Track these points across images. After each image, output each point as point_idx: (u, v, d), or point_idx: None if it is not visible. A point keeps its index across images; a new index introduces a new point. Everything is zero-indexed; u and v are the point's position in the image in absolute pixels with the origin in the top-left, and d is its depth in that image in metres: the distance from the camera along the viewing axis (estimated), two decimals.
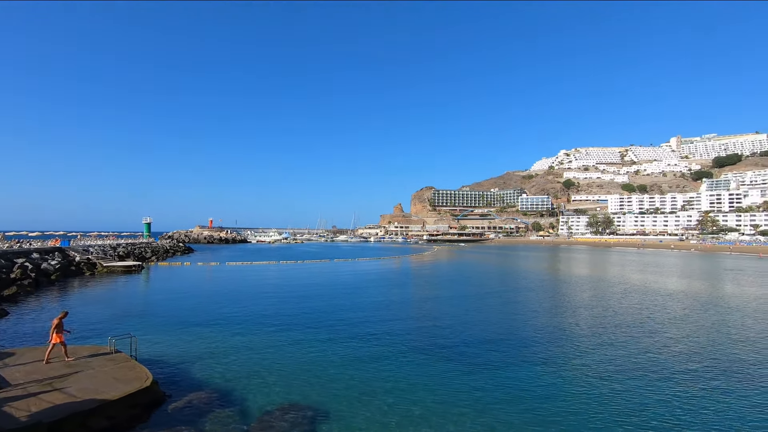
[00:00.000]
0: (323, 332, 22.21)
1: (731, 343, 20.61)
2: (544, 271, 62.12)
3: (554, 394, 14.08)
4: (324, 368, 16.44)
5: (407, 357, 18.04)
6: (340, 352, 18.72)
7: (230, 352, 18.32)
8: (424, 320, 26.08)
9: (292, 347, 19.34)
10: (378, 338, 21.11)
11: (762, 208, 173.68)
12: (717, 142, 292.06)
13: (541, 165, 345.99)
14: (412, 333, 22.41)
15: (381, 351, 18.88)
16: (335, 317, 26.25)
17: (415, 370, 16.41)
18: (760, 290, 40.52)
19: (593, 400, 13.58)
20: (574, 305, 31.87)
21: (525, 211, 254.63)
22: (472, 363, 17.23)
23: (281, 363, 16.98)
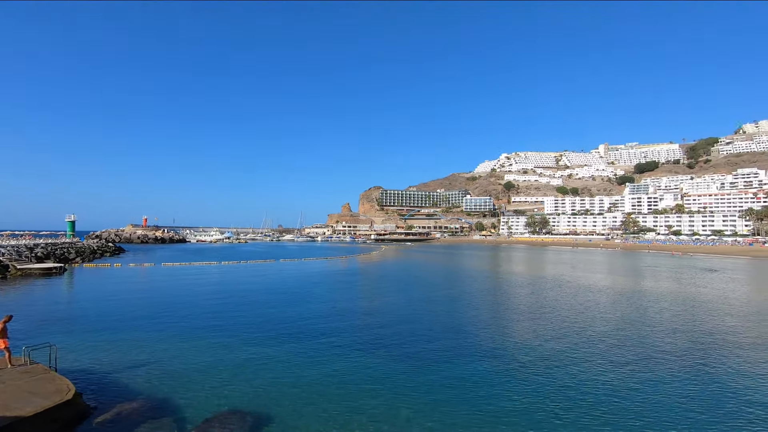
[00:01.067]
0: (265, 335, 21.62)
1: (653, 333, 22.73)
2: (487, 270, 64.81)
3: (500, 389, 14.74)
4: (265, 372, 16.01)
5: (352, 357, 18.05)
6: (284, 354, 18.33)
7: (163, 359, 17.30)
8: (371, 320, 26.22)
9: (230, 351, 18.63)
10: (323, 339, 20.92)
11: (674, 211, 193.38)
12: (638, 150, 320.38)
13: (485, 167, 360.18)
14: (358, 333, 22.45)
15: (325, 352, 18.73)
16: (279, 319, 25.65)
17: (361, 370, 16.46)
18: (673, 285, 45.05)
19: (536, 392, 14.38)
20: (515, 302, 33.56)
21: (469, 212, 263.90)
22: (419, 361, 17.59)
23: (219, 368, 16.30)
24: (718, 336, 22.05)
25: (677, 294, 37.91)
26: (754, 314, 28.64)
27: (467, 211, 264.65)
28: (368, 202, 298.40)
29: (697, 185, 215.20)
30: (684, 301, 33.63)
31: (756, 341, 21.08)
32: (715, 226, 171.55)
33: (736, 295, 38.09)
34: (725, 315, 27.99)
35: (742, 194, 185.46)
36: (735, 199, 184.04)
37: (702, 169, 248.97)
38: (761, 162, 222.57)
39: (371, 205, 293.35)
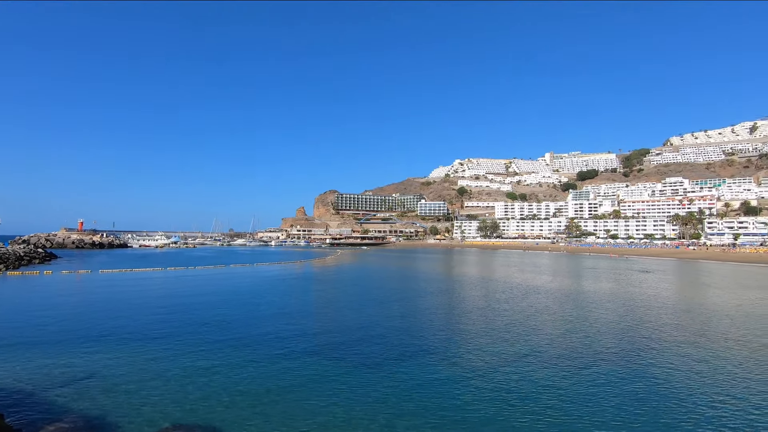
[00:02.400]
0: (213, 344, 20.68)
1: (596, 332, 24.08)
2: (441, 273, 66.07)
3: (450, 389, 14.97)
4: (212, 383, 15.29)
5: (305, 363, 17.66)
6: (232, 363, 17.58)
7: (98, 374, 16.04)
8: (325, 325, 25.85)
9: (174, 363, 17.63)
10: (274, 346, 20.32)
11: (612, 216, 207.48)
12: (580, 159, 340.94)
13: (439, 173, 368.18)
14: (311, 338, 22.03)
15: (276, 359, 18.20)
16: (228, 327, 24.63)
17: (312, 376, 16.13)
18: (612, 285, 48.14)
19: (484, 391, 14.73)
20: (468, 305, 34.41)
21: (424, 216, 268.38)
22: (372, 364, 17.52)
23: (160, 382, 15.36)
24: (653, 332, 23.77)
25: (616, 294, 40.55)
26: (683, 312, 31.19)
27: (422, 216, 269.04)
28: (324, 206, 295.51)
29: (631, 192, 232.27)
30: (623, 301, 36.02)
31: (687, 337, 22.93)
32: (647, 230, 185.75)
33: (667, 294, 41.36)
34: (659, 313, 30.28)
35: (669, 201, 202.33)
36: (664, 206, 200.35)
37: (636, 177, 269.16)
38: (686, 172, 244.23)
39: (327, 209, 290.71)
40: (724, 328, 25.07)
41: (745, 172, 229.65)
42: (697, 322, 26.80)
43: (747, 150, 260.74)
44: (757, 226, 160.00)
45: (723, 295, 40.03)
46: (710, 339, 22.18)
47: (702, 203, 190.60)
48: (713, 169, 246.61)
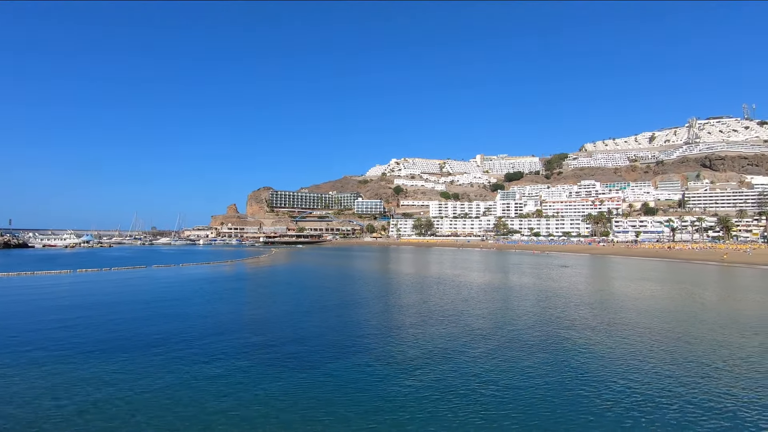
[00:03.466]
0: (130, 352, 18.84)
1: (521, 324, 25.46)
2: (377, 271, 66.50)
3: (388, 386, 14.91)
4: (128, 394, 13.86)
5: (234, 368, 16.66)
6: (153, 371, 16.11)
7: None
8: (258, 327, 24.70)
9: (78, 376, 15.78)
10: (201, 351, 18.97)
11: (535, 215, 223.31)
12: (507, 161, 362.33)
13: (376, 171, 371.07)
14: (243, 342, 20.89)
15: (202, 366, 16.98)
16: (146, 333, 22.61)
17: (244, 381, 15.26)
18: (535, 280, 51.53)
19: (424, 387, 14.86)
20: (403, 301, 34.85)
21: (360, 214, 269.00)
22: (305, 365, 16.98)
23: (60, 399, 13.63)
24: (572, 323, 25.70)
25: (539, 287, 43.47)
26: (597, 303, 34.16)
27: (359, 214, 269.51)
28: (257, 204, 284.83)
29: (552, 193, 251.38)
30: (545, 294, 38.64)
31: (600, 326, 25.05)
32: (565, 228, 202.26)
33: (582, 287, 45.15)
34: (577, 305, 32.88)
35: (584, 202, 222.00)
36: (579, 206, 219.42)
37: (556, 179, 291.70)
38: (598, 175, 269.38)
39: (260, 207, 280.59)
40: (631, 317, 27.80)
41: (645, 177, 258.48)
42: (609, 313, 29.48)
43: (647, 157, 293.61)
44: (654, 224, 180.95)
45: (628, 287, 44.57)
46: (620, 327, 24.45)
47: (611, 204, 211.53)
48: (620, 174, 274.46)
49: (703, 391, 14.51)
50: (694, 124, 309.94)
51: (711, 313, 29.86)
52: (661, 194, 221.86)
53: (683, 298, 36.88)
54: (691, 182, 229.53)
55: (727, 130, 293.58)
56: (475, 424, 12.10)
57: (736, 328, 24.44)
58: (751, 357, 18.54)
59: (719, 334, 22.97)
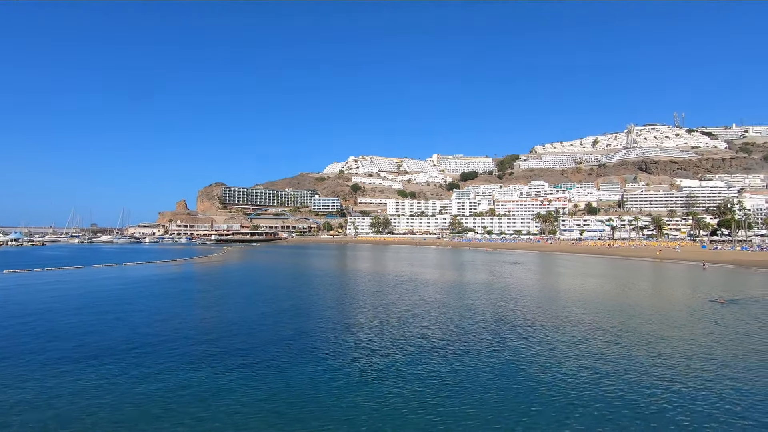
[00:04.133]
0: (65, 359, 17.39)
1: (475, 319, 26.10)
2: (335, 269, 65.92)
3: (346, 385, 14.72)
4: (68, 405, 12.76)
5: (182, 373, 15.83)
6: (95, 381, 14.95)
7: None
8: (210, 329, 23.64)
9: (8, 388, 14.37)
10: (147, 357, 17.85)
11: (488, 214, 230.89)
12: (463, 161, 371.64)
13: (333, 168, 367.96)
14: (193, 346, 19.90)
15: (148, 373, 15.99)
16: (81, 339, 21.00)
17: (191, 386, 14.52)
18: (489, 276, 53.17)
19: (382, 385, 14.80)
20: (361, 300, 34.71)
21: (317, 212, 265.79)
22: (259, 369, 16.44)
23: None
24: (523, 317, 26.69)
25: (492, 284, 44.87)
26: (546, 298, 35.77)
27: (316, 211, 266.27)
28: (209, 200, 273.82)
29: (504, 193, 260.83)
30: (498, 290, 39.89)
31: (549, 319, 26.19)
32: (516, 226, 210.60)
33: (532, 283, 47.14)
34: (527, 300, 34.23)
35: (534, 201, 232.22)
36: (529, 205, 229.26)
37: (508, 180, 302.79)
38: (546, 176, 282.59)
39: (212, 203, 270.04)
40: (577, 311, 29.32)
41: (589, 179, 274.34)
42: (557, 307, 30.96)
43: (591, 160, 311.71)
44: (596, 223, 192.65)
45: (574, 283, 47.07)
46: (567, 321, 25.71)
47: (558, 204, 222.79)
48: (566, 175, 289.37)
49: (638, 378, 15.54)
50: (632, 130, 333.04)
51: (645, 306, 32.14)
52: (603, 195, 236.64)
53: (622, 292, 39.48)
54: (629, 184, 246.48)
55: (660, 136, 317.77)
56: (434, 421, 12.21)
57: (666, 321, 26.45)
58: (678, 346, 20.10)
59: (653, 326, 24.77)
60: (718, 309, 29.95)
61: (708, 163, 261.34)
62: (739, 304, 31.65)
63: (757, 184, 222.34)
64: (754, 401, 13.53)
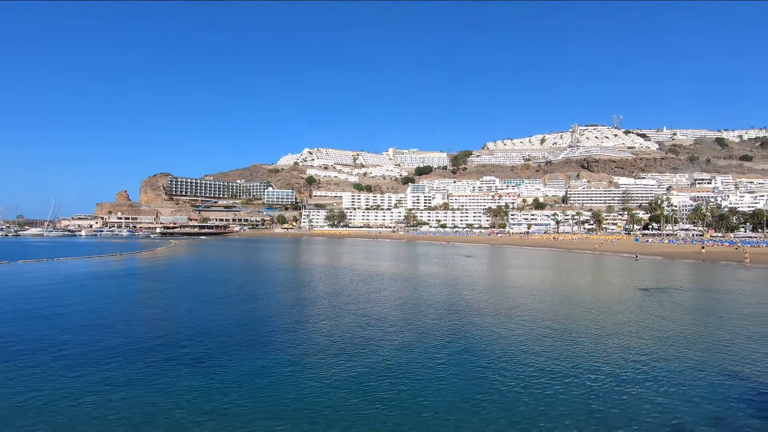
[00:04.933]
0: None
1: (427, 311, 26.52)
2: (288, 262, 64.67)
3: (298, 380, 14.42)
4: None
5: (125, 372, 14.84)
6: (21, 388, 13.65)
7: None
8: (155, 327, 22.31)
9: None
10: (77, 362, 16.55)
11: (442, 208, 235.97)
12: (418, 156, 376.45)
13: (288, 160, 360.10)
14: (132, 346, 18.69)
15: (80, 378, 14.84)
16: (12, 342, 19.15)
17: (134, 392, 13.66)
18: (442, 269, 54.34)
19: (335, 378, 14.64)
20: (315, 293, 34.26)
21: (271, 204, 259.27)
22: (211, 365, 15.77)
23: None
24: (476, 308, 27.50)
25: (446, 276, 45.91)
26: (496, 289, 37.10)
27: (269, 204, 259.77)
28: (153, 191, 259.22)
29: (458, 188, 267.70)
30: (451, 282, 40.87)
31: (499, 310, 27.16)
32: (469, 220, 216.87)
33: (483, 274, 48.76)
34: (480, 291, 35.33)
35: (485, 196, 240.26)
36: (481, 200, 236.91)
37: (461, 175, 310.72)
38: (497, 172, 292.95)
39: (157, 195, 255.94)
40: (525, 301, 30.64)
41: (536, 175, 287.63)
42: (507, 298, 32.22)
43: (539, 157, 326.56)
44: (543, 218, 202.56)
45: (522, 275, 49.26)
46: (516, 311, 26.79)
47: (508, 199, 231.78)
48: (516, 172, 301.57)
49: (580, 360, 16.51)
50: (576, 129, 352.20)
51: (586, 295, 34.28)
52: (549, 191, 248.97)
53: (566, 283, 41.83)
54: (573, 181, 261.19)
55: (600, 136, 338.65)
56: (389, 413, 12.28)
57: (603, 307, 28.33)
58: (614, 331, 21.57)
59: (593, 312, 26.44)
60: (646, 296, 32.51)
61: (642, 163, 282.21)
62: (666, 293, 34.51)
63: (683, 183, 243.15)
64: (675, 377, 14.78)
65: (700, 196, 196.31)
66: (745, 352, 18.00)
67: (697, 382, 14.54)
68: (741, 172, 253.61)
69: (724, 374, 15.34)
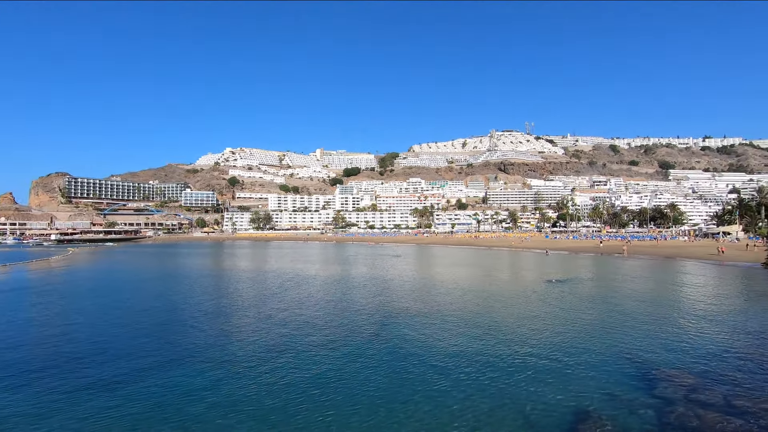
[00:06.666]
0: None
1: (356, 314, 26.61)
2: (210, 268, 60.99)
3: (217, 393, 13.68)
4: None
5: (11, 403, 12.98)
6: None
7: None
8: (50, 346, 19.75)
9: None
10: None
11: (371, 209, 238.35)
12: (346, 157, 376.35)
13: (208, 160, 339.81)
14: (23, 369, 16.40)
15: None
16: None
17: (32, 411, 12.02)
18: (368, 270, 54.84)
19: (259, 388, 14.09)
20: (239, 300, 32.68)
21: (189, 207, 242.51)
22: (116, 385, 14.36)
23: None
24: (403, 305, 28.16)
25: (375, 276, 46.41)
26: (423, 287, 38.32)
27: (187, 206, 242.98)
28: (47, 193, 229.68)
29: (385, 189, 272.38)
30: (380, 281, 41.38)
31: (425, 307, 28.06)
32: (397, 221, 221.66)
33: (410, 273, 50.09)
34: (407, 289, 36.21)
35: (412, 197, 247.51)
36: (408, 201, 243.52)
37: (389, 176, 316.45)
38: (423, 174, 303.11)
39: (52, 197, 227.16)
40: (450, 298, 32.08)
41: (459, 177, 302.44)
42: (433, 295, 33.47)
43: (461, 160, 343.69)
44: (465, 218, 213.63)
45: (447, 273, 51.49)
46: (441, 306, 27.95)
47: (433, 200, 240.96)
48: (441, 174, 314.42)
49: (500, 349, 17.73)
50: (494, 134, 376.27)
51: (504, 289, 36.86)
52: (471, 192, 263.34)
53: (486, 279, 44.59)
54: (491, 183, 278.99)
55: (515, 141, 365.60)
56: (317, 419, 12.15)
57: (518, 299, 30.70)
58: (527, 322, 23.48)
59: (510, 305, 28.52)
60: (553, 287, 35.93)
61: (550, 166, 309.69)
62: (566, 284, 38.36)
63: (584, 185, 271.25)
64: (576, 358, 16.50)
65: (598, 196, 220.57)
66: (626, 333, 20.60)
67: (591, 363, 16.35)
68: (630, 176, 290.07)
69: (612, 353, 17.42)
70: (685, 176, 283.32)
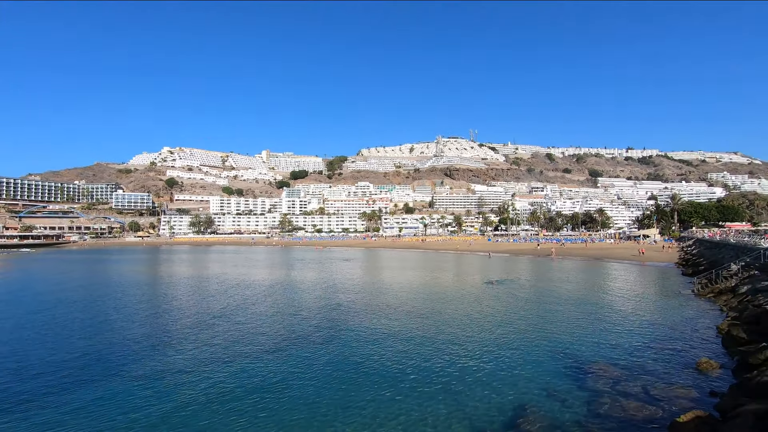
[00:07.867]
0: None
1: (303, 318, 26.09)
2: (143, 276, 56.98)
3: (152, 404, 12.80)
4: None
5: None
6: None
7: None
8: None
9: None
10: None
11: (318, 212, 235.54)
12: (293, 159, 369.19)
13: (142, 160, 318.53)
14: None
15: None
16: None
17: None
18: (316, 274, 54.08)
19: (194, 398, 13.36)
20: (175, 309, 30.83)
21: (121, 209, 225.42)
22: (36, 405, 12.99)
23: None
24: (351, 309, 28.02)
25: (323, 280, 45.81)
26: (374, 290, 38.37)
27: (118, 209, 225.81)
28: None
29: (333, 192, 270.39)
30: (330, 287, 40.92)
31: (375, 311, 28.12)
32: (345, 224, 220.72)
33: (359, 277, 50.00)
34: (355, 293, 36.09)
35: (360, 201, 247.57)
36: (356, 205, 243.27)
37: (337, 180, 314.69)
38: (371, 178, 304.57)
39: None
40: (399, 300, 32.40)
41: (407, 181, 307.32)
42: (382, 298, 33.61)
43: (408, 165, 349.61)
44: (412, 221, 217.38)
45: (396, 276, 51.98)
46: (390, 308, 28.16)
47: (381, 204, 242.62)
48: (388, 178, 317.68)
49: (445, 347, 18.21)
50: (440, 141, 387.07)
51: (448, 291, 37.88)
52: (418, 196, 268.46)
53: (432, 281, 45.57)
54: (438, 188, 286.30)
55: (460, 148, 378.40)
56: (266, 427, 11.76)
57: (462, 300, 31.73)
58: (470, 321, 24.34)
59: (454, 305, 29.38)
60: (493, 289, 37.53)
61: (493, 172, 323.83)
62: (504, 284, 40.26)
63: (523, 190, 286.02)
64: (513, 354, 17.37)
65: (536, 201, 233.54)
66: (559, 331, 22.01)
67: (529, 360, 17.27)
68: (564, 182, 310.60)
69: (546, 351, 18.53)
70: (612, 184, 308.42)
